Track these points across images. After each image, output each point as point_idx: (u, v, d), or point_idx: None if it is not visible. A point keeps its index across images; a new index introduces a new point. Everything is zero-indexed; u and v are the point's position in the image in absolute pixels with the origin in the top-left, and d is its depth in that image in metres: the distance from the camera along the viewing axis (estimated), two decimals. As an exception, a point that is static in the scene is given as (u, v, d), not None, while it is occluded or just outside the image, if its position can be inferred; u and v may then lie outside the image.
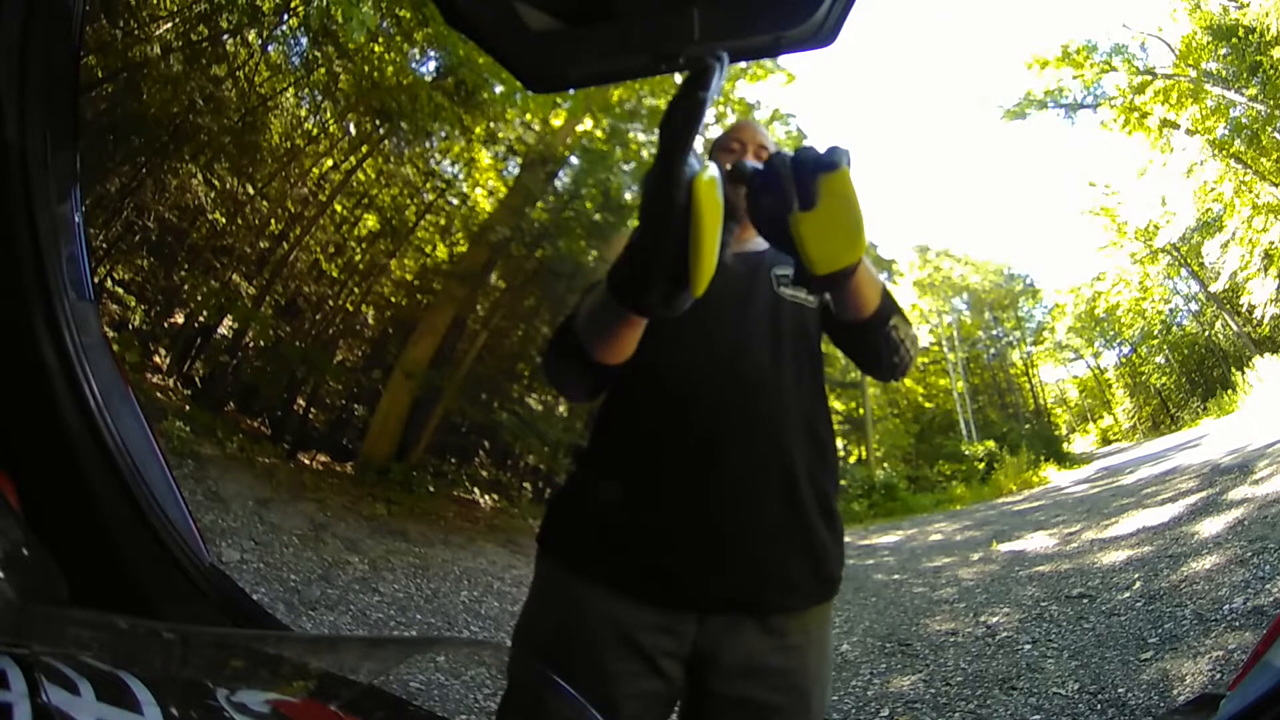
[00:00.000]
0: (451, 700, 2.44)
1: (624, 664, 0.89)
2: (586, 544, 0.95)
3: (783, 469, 0.94)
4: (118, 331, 6.73)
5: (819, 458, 0.98)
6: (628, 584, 0.91)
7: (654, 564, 0.91)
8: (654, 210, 0.58)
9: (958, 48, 36.85)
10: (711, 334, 0.97)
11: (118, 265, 7.17)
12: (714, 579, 0.90)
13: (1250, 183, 11.75)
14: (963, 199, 33.09)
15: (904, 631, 3.69)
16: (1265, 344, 12.51)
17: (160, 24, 6.18)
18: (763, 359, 0.97)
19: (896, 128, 35.25)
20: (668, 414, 0.94)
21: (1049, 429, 18.01)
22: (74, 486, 0.66)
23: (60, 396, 0.64)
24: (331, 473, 7.37)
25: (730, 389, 0.94)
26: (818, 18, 0.58)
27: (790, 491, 0.94)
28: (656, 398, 0.95)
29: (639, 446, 0.96)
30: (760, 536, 0.92)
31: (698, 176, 0.57)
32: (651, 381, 0.94)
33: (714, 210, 0.57)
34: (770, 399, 0.95)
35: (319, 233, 8.66)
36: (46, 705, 0.27)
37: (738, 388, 0.94)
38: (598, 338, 0.83)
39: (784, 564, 0.94)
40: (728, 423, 0.93)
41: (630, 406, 0.98)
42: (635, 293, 0.65)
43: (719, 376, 0.95)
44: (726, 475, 0.92)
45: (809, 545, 0.96)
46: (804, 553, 0.95)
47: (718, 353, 0.96)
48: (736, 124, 1.19)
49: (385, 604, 4.04)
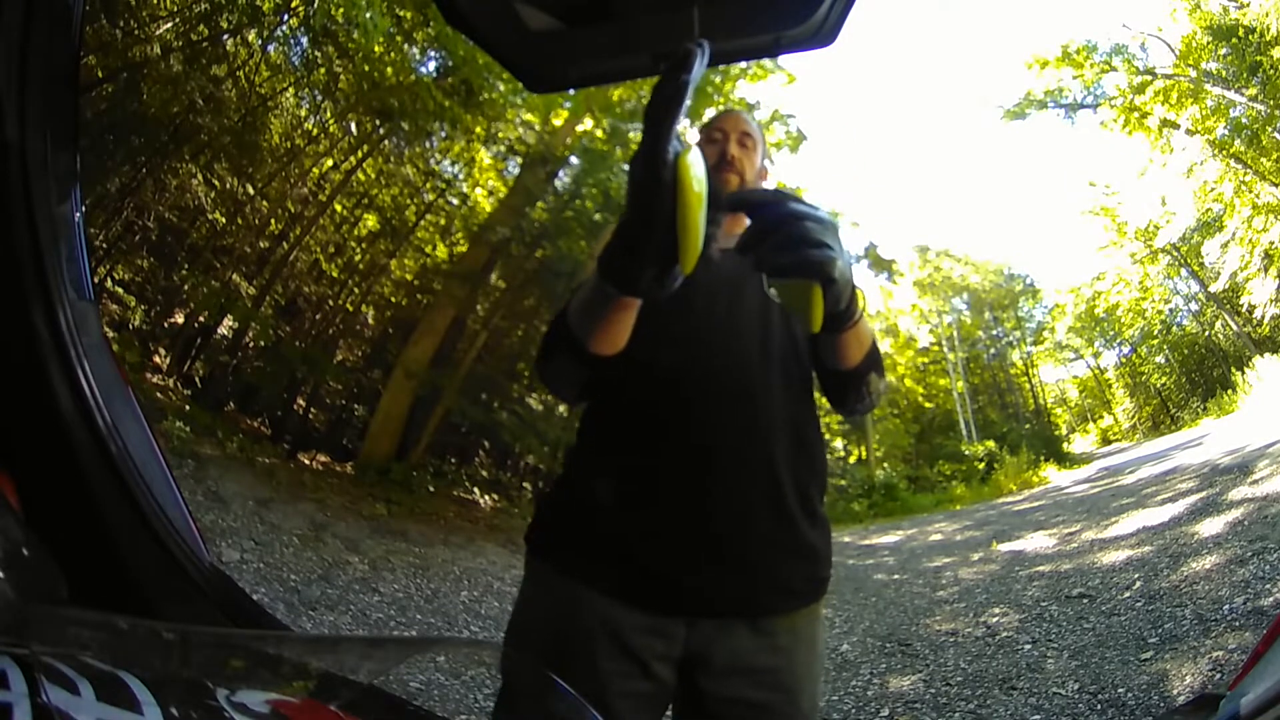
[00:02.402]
0: (451, 700, 2.44)
1: (615, 664, 0.90)
2: (576, 546, 0.96)
3: (769, 472, 0.94)
4: (118, 331, 6.73)
5: (806, 460, 0.98)
6: (618, 587, 0.91)
7: (645, 568, 0.91)
8: (641, 190, 0.59)
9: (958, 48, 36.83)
10: (699, 334, 0.97)
11: (118, 265, 7.17)
12: (705, 583, 0.91)
13: (1250, 183, 11.75)
14: (963, 199, 33.03)
15: (904, 631, 3.69)
16: (1265, 344, 12.51)
17: (160, 24, 6.18)
18: (751, 360, 0.97)
19: (896, 128, 35.21)
20: (654, 415, 0.94)
21: (1049, 429, 18.00)
22: (74, 486, 0.66)
23: (60, 396, 0.64)
24: (331, 473, 7.37)
25: (717, 390, 0.94)
26: (818, 18, 0.58)
27: (776, 494, 0.94)
28: (643, 398, 0.95)
29: (626, 448, 0.96)
30: (749, 540, 0.93)
31: (681, 155, 0.58)
32: (638, 382, 0.94)
33: (698, 187, 0.59)
34: (756, 401, 0.95)
35: (319, 233, 8.66)
36: (46, 705, 0.27)
37: (724, 389, 0.95)
38: (591, 326, 0.84)
39: (773, 567, 0.95)
40: (715, 424, 0.93)
41: (617, 407, 0.98)
42: (626, 273, 0.65)
43: (706, 378, 0.95)
44: (714, 478, 0.92)
45: (797, 547, 0.97)
46: (792, 555, 0.96)
47: (705, 354, 0.97)
48: (720, 113, 1.18)
49: (385, 604, 4.04)
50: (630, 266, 0.64)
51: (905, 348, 18.38)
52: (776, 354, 0.99)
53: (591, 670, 0.89)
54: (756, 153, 1.15)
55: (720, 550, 0.92)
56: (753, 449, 0.94)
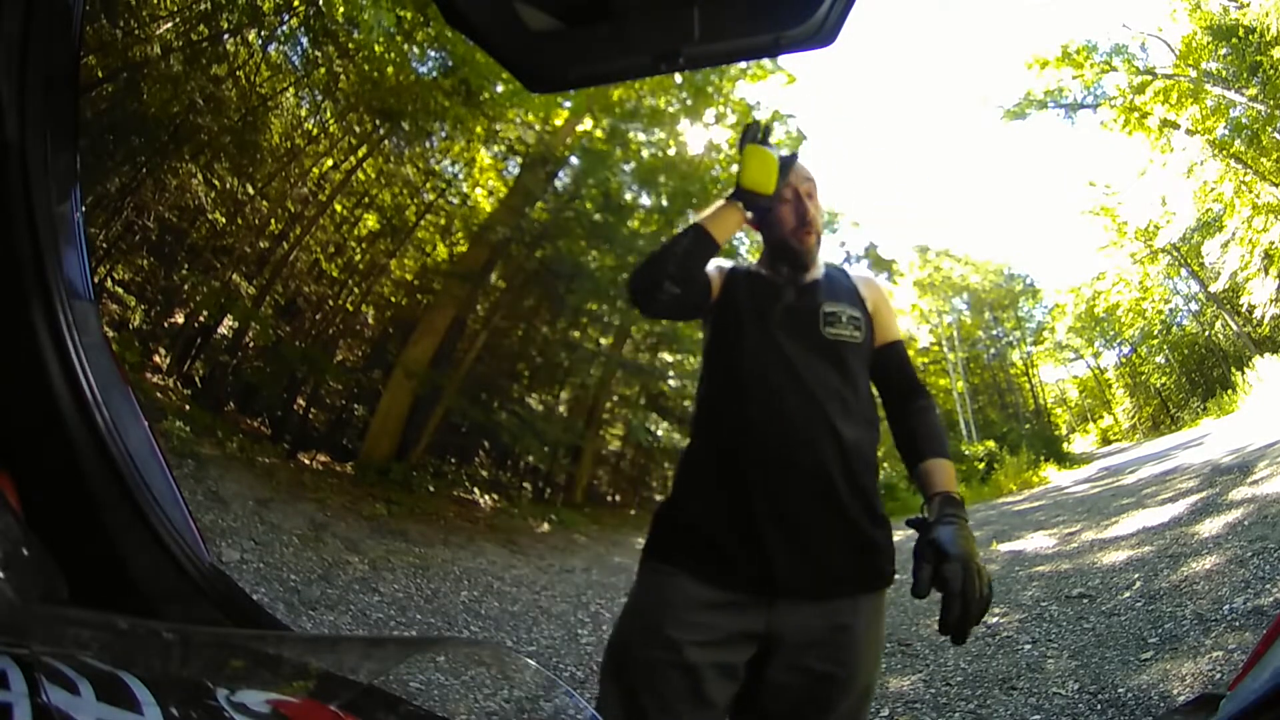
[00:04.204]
0: (451, 700, 2.43)
1: (705, 635, 1.08)
2: (674, 542, 1.17)
3: (831, 483, 1.13)
4: (118, 331, 6.72)
5: (867, 472, 1.17)
6: (712, 574, 1.11)
7: (731, 558, 1.11)
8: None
9: (958, 48, 36.81)
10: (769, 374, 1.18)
11: (118, 265, 7.16)
12: (778, 570, 1.09)
13: (1250, 183, 11.75)
14: (963, 199, 33.01)
15: (904, 631, 3.68)
16: (1265, 344, 12.50)
17: (160, 24, 6.18)
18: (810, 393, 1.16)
19: (897, 127, 35.22)
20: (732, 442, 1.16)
21: (1049, 429, 18.00)
22: (74, 486, 0.66)
23: (60, 396, 0.64)
24: (331, 473, 7.37)
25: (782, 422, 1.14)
26: (818, 18, 0.58)
27: (837, 500, 1.13)
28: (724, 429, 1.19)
29: (714, 468, 1.17)
30: (814, 535, 1.11)
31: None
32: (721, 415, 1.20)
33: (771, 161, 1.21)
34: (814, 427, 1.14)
35: (319, 233, 8.66)
36: (46, 705, 0.27)
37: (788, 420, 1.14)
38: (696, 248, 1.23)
39: (833, 557, 1.12)
40: (780, 446, 1.13)
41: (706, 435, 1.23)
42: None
43: (772, 413, 1.15)
44: (781, 488, 1.11)
45: (855, 541, 1.14)
46: (851, 547, 1.14)
47: (773, 392, 1.16)
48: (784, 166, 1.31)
49: (385, 604, 4.04)
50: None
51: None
52: (835, 383, 1.19)
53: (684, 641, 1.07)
54: (819, 198, 1.32)
55: (789, 544, 1.10)
56: (815, 466, 1.13)
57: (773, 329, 1.20)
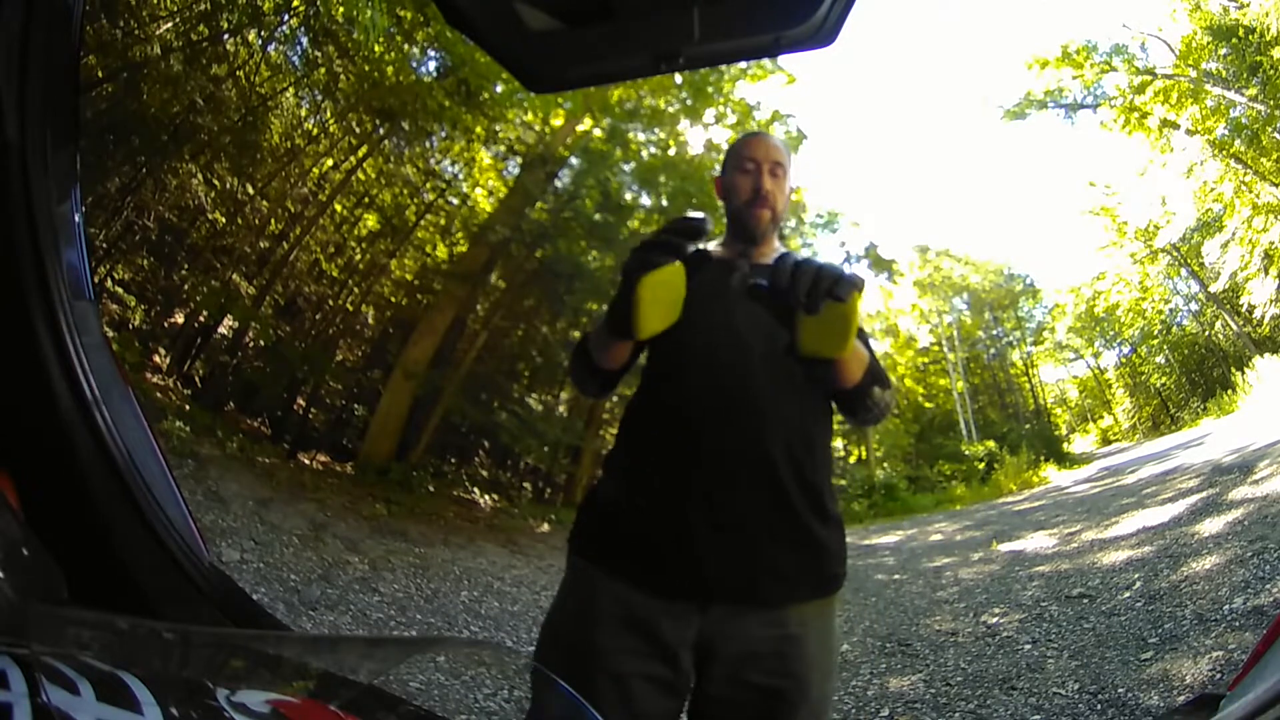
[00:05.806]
0: (451, 700, 2.44)
1: (629, 642, 0.99)
2: (600, 539, 1.08)
3: (772, 472, 1.03)
4: (118, 331, 6.72)
5: (813, 463, 1.07)
6: (631, 573, 1.02)
7: (656, 556, 1.01)
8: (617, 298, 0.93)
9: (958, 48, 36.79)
10: (713, 352, 1.08)
11: (118, 265, 7.16)
12: (709, 571, 1.00)
13: (1250, 183, 11.74)
14: (963, 199, 32.98)
15: (904, 631, 3.69)
16: (1265, 344, 12.49)
17: (160, 24, 6.17)
18: (756, 375, 1.07)
19: (896, 127, 35.16)
20: (668, 423, 1.07)
21: (1049, 429, 17.97)
22: (74, 486, 0.66)
23: (60, 396, 0.64)
24: (331, 473, 7.37)
25: (725, 403, 1.05)
26: (818, 18, 0.58)
27: (781, 493, 1.03)
28: (660, 408, 1.10)
29: (646, 451, 1.09)
30: (752, 533, 1.02)
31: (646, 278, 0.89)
32: (658, 393, 1.11)
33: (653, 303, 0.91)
34: (763, 413, 1.05)
35: (319, 233, 8.66)
36: (46, 705, 0.27)
37: (732, 402, 1.05)
38: (598, 352, 1.10)
39: (776, 559, 1.02)
40: (720, 430, 1.03)
41: (641, 417, 1.13)
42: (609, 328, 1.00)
43: (716, 392, 1.06)
44: (721, 477, 1.02)
45: (804, 542, 1.04)
46: (798, 549, 1.04)
47: (716, 370, 1.07)
48: (751, 139, 1.20)
49: (385, 604, 4.04)
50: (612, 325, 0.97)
51: (905, 348, 18.35)
52: (784, 370, 1.05)
53: (612, 647, 0.99)
54: (787, 180, 1.20)
55: (724, 542, 1.00)
56: (757, 452, 1.03)
57: (717, 305, 1.09)
